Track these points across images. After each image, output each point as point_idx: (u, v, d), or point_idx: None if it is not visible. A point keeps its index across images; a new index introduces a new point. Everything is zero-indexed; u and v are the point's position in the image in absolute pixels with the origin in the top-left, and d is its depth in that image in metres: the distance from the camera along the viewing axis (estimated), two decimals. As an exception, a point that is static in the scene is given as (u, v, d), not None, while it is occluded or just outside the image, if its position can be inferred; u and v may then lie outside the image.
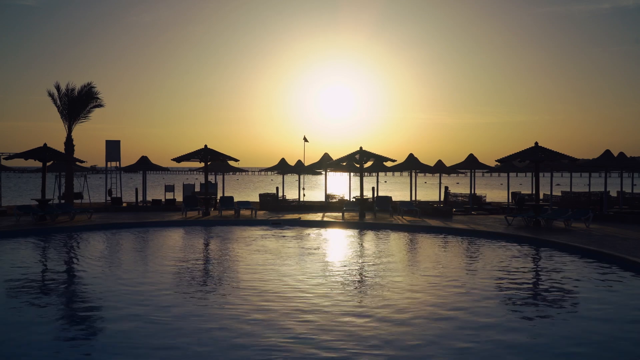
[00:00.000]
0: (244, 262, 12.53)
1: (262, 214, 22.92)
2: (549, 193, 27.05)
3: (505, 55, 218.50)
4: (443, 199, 27.43)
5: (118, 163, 27.72)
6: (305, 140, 30.18)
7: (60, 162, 25.32)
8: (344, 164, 24.46)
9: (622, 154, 23.63)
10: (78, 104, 27.37)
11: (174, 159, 24.61)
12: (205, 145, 24.29)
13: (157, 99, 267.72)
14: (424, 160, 26.46)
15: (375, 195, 26.12)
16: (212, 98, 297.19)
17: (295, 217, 21.83)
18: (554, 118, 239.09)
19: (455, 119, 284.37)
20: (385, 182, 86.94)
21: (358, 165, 22.94)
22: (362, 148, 22.31)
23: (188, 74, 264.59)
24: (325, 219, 21.22)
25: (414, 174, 27.40)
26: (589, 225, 18.68)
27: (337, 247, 15.55)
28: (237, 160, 25.30)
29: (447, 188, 28.36)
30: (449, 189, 29.46)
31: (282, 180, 31.32)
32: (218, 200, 26.34)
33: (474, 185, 27.33)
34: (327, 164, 26.24)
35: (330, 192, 30.37)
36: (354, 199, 25.24)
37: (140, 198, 27.54)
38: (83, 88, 27.66)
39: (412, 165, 26.10)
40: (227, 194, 30.31)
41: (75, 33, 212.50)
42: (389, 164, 25.74)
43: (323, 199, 28.97)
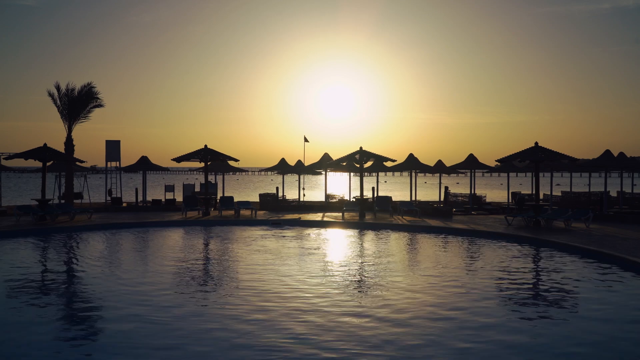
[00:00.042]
0: (244, 262, 12.53)
1: (262, 214, 22.92)
2: (549, 193, 27.05)
3: (505, 55, 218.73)
4: (443, 199, 27.43)
5: (118, 163, 27.73)
6: (306, 141, 30.18)
7: (60, 162, 25.33)
8: (344, 164, 24.46)
9: (622, 154, 23.64)
10: (78, 104, 27.39)
11: (174, 159, 24.62)
12: (205, 145, 24.30)
13: (157, 99, 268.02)
14: (424, 160, 26.51)
15: (375, 195, 26.12)
16: (212, 98, 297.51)
17: (295, 217, 21.83)
18: (554, 118, 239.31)
19: (455, 119, 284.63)
20: (385, 182, 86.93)
21: (358, 165, 22.95)
22: (362, 148, 22.31)
23: (188, 74, 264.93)
24: (325, 219, 21.22)
25: (414, 174, 27.40)
26: (589, 225, 18.69)
27: (337, 247, 15.55)
28: (237, 160, 25.32)
29: (447, 188, 28.36)
30: (449, 189, 29.46)
31: (282, 180, 31.33)
32: (218, 200, 26.34)
33: (474, 185, 27.33)
34: (327, 164, 26.24)
35: (330, 192, 30.38)
36: (354, 199, 25.24)
37: (140, 198, 27.54)
38: (83, 88, 27.69)
39: (412, 165, 26.10)
40: (227, 194, 30.32)
41: (75, 33, 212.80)
42: (389, 164, 25.74)
43: (323, 199, 28.98)
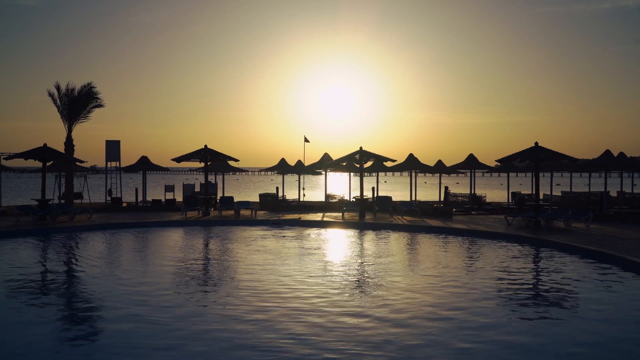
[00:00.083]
0: (244, 262, 12.53)
1: (262, 214, 22.92)
2: (549, 193, 27.05)
3: (505, 55, 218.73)
4: (443, 199, 27.43)
5: (118, 163, 27.73)
6: (306, 141, 30.16)
7: (60, 162, 25.33)
8: (344, 164, 24.46)
9: (622, 154, 23.64)
10: (78, 104, 27.39)
11: (174, 159, 24.63)
12: (205, 145, 24.30)
13: (157, 99, 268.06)
14: (424, 160, 26.52)
15: (375, 195, 26.12)
16: (212, 98, 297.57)
17: (295, 217, 21.83)
18: (554, 118, 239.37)
19: (455, 119, 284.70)
20: (385, 182, 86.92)
21: (358, 165, 22.95)
22: (362, 148, 22.31)
23: (188, 74, 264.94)
24: (325, 219, 21.22)
25: (414, 174, 27.40)
26: (589, 225, 18.69)
27: (337, 247, 15.55)
28: (237, 160, 25.32)
29: (447, 188, 28.35)
30: (449, 189, 29.46)
31: (282, 180, 31.33)
32: (218, 200, 26.34)
33: (474, 185, 27.33)
34: (327, 164, 26.24)
35: (330, 192, 30.37)
36: (354, 199, 25.24)
37: (140, 198, 27.54)
38: (83, 88, 27.69)
39: (412, 165, 26.10)
40: (227, 194, 30.32)
41: (75, 33, 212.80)
42: (389, 164, 25.74)
43: (323, 199, 28.97)
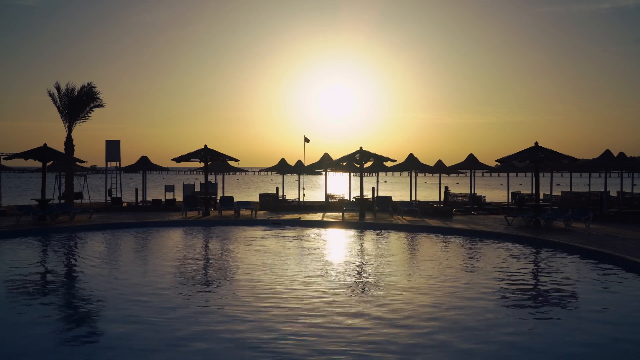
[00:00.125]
0: (244, 262, 12.53)
1: (262, 214, 22.92)
2: (549, 193, 27.05)
3: (505, 55, 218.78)
4: (443, 199, 27.43)
5: (118, 163, 27.73)
6: (307, 141, 30.15)
7: (60, 162, 25.33)
8: (344, 164, 24.46)
9: (622, 154, 23.64)
10: (78, 104, 27.39)
11: (174, 159, 24.63)
12: (205, 145, 24.30)
13: (157, 99, 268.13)
14: (424, 160, 26.52)
15: (375, 195, 26.12)
16: (212, 98, 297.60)
17: (295, 217, 21.83)
18: (554, 118, 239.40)
19: (455, 119, 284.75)
20: (385, 182, 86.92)
21: (358, 165, 22.94)
22: (362, 148, 22.31)
23: (188, 74, 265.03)
24: (325, 219, 21.22)
25: (414, 174, 27.40)
26: (589, 225, 18.68)
27: (337, 247, 15.55)
28: (237, 160, 25.32)
29: (447, 188, 28.35)
30: (449, 189, 29.46)
31: (282, 180, 31.33)
32: (218, 200, 26.34)
33: (474, 185, 27.33)
34: (327, 164, 26.24)
35: (330, 192, 30.37)
36: (354, 199, 25.24)
37: (140, 198, 27.54)
38: (83, 88, 27.68)
39: (412, 165, 26.10)
40: (227, 194, 30.32)
41: (75, 33, 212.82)
42: (389, 164, 25.74)
43: (323, 199, 28.97)
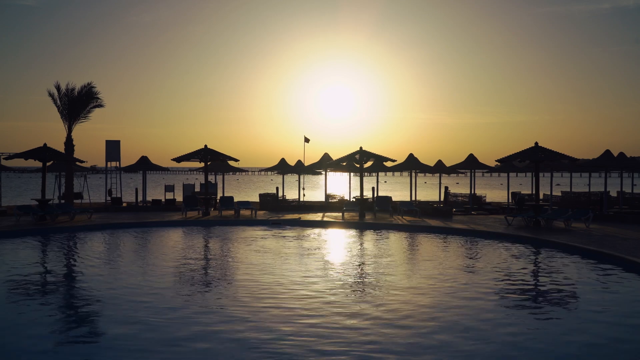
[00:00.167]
0: (244, 262, 12.53)
1: (262, 214, 22.92)
2: (549, 193, 27.05)
3: (505, 55, 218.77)
4: (443, 199, 27.43)
5: (118, 163, 27.73)
6: (307, 141, 30.13)
7: (60, 162, 25.32)
8: (344, 164, 24.46)
9: (622, 154, 23.64)
10: (78, 104, 27.39)
11: (174, 159, 24.63)
12: (205, 145, 24.30)
13: (157, 99, 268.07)
14: (424, 160, 26.52)
15: (375, 195, 26.12)
16: (212, 98, 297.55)
17: (295, 217, 21.83)
18: (554, 118, 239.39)
19: (455, 119, 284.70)
20: (385, 182, 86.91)
21: (358, 165, 22.94)
22: (362, 148, 22.31)
23: (188, 74, 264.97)
24: (325, 219, 21.22)
25: (414, 174, 27.40)
26: (589, 225, 18.68)
27: (337, 247, 15.55)
28: (237, 160, 25.32)
29: (447, 188, 28.35)
30: (449, 189, 29.46)
31: (282, 180, 31.33)
32: (218, 200, 26.34)
33: (474, 185, 27.33)
34: (327, 164, 26.24)
35: (330, 192, 30.37)
36: (354, 199, 25.24)
37: (140, 198, 27.53)
38: (83, 88, 27.69)
39: (412, 165, 26.10)
40: (227, 194, 30.32)
41: (75, 33, 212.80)
42: (389, 164, 25.74)
43: (323, 199, 28.97)
